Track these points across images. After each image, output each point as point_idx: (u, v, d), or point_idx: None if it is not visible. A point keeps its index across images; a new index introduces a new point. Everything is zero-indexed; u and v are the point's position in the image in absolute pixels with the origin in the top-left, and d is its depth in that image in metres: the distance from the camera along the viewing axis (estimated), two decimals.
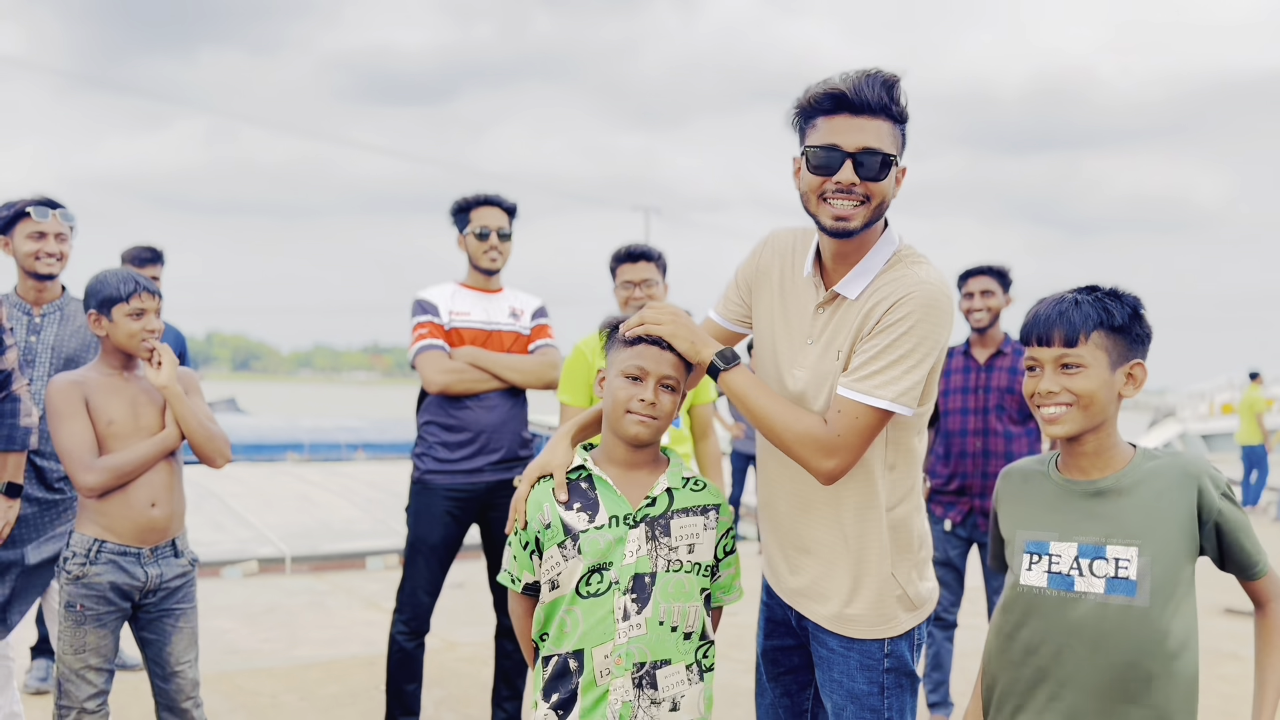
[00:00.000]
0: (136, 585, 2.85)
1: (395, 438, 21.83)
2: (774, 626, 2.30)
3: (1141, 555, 1.82)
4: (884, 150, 1.96)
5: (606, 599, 2.03)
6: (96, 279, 2.90)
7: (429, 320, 3.74)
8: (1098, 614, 1.84)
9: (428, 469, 3.70)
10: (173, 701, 2.94)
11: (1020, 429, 4.19)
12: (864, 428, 1.96)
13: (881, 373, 1.95)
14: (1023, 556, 1.93)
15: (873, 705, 2.09)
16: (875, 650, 2.10)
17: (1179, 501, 1.84)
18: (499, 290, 3.88)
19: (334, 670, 4.90)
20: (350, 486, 11.97)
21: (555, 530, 2.07)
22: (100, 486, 2.80)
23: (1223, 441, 24.65)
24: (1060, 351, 1.86)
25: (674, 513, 2.09)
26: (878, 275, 2.03)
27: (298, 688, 4.62)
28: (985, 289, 4.24)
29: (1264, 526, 11.57)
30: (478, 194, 3.87)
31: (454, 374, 3.66)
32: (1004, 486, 2.05)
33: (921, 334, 1.96)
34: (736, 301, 2.28)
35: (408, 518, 3.77)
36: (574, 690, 2.03)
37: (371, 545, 8.57)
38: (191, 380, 3.01)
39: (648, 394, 2.05)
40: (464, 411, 3.68)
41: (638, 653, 2.02)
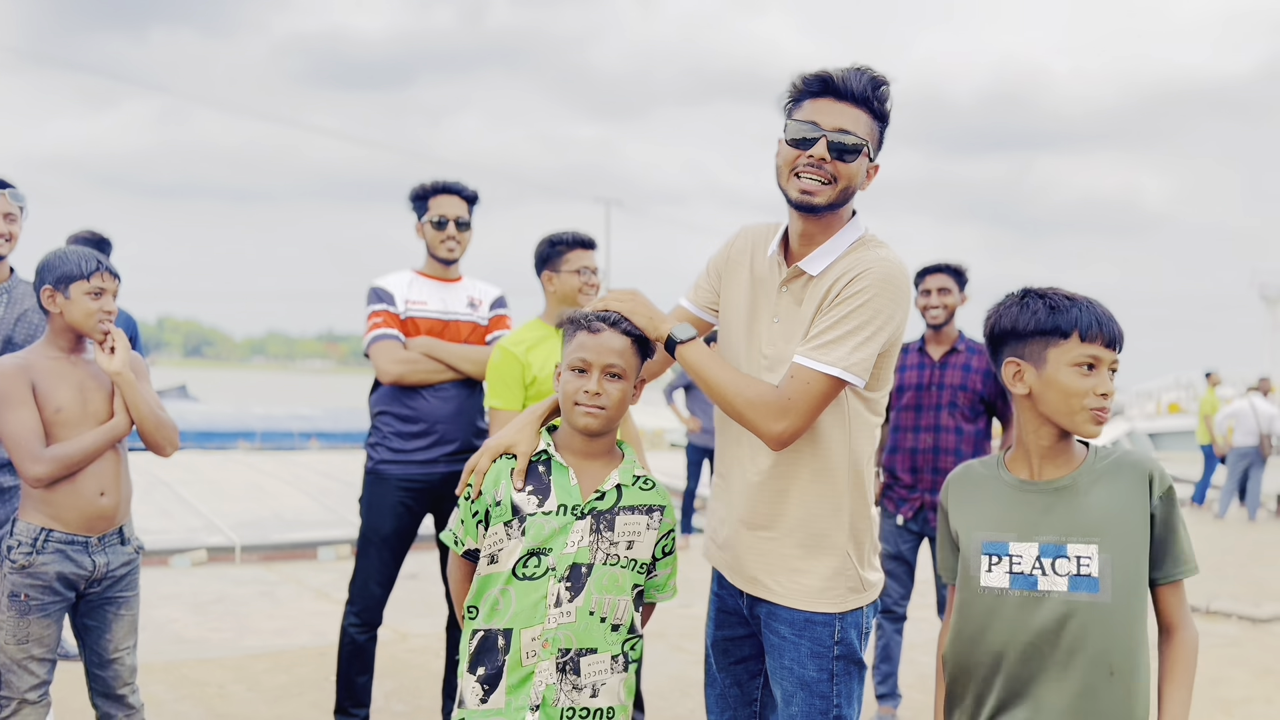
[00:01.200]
0: (83, 574, 2.80)
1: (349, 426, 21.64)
2: (725, 616, 2.32)
3: (1102, 552, 1.85)
4: (858, 135, 2.05)
5: (541, 584, 2.06)
6: (56, 254, 2.80)
7: (384, 309, 3.68)
8: (1063, 612, 1.86)
9: (381, 459, 3.66)
10: (109, 688, 2.89)
11: (971, 426, 4.23)
12: (815, 394, 2.01)
13: (836, 343, 2.00)
14: (981, 558, 1.94)
15: (822, 692, 2.13)
16: (826, 637, 2.13)
17: (1133, 498, 1.87)
18: (458, 279, 3.82)
19: (283, 661, 4.85)
20: (302, 476, 11.86)
21: (504, 509, 2.09)
22: (48, 477, 2.72)
23: (1169, 440, 25.16)
24: (1116, 356, 1.89)
25: (620, 509, 2.12)
26: (841, 256, 2.10)
27: (246, 678, 4.57)
28: (942, 286, 4.28)
29: (1206, 523, 11.83)
30: (436, 181, 3.80)
31: (407, 364, 3.61)
32: (952, 491, 2.05)
33: (877, 307, 2.02)
34: (707, 289, 2.33)
35: (360, 508, 3.73)
36: (500, 667, 2.06)
37: (323, 535, 8.49)
38: (140, 365, 2.94)
39: (592, 385, 2.07)
40: (418, 402, 3.64)
41: (565, 639, 2.06)
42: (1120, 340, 1.88)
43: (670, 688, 4.67)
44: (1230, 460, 12.62)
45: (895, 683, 4.39)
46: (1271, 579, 8.17)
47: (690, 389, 8.43)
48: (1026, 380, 1.93)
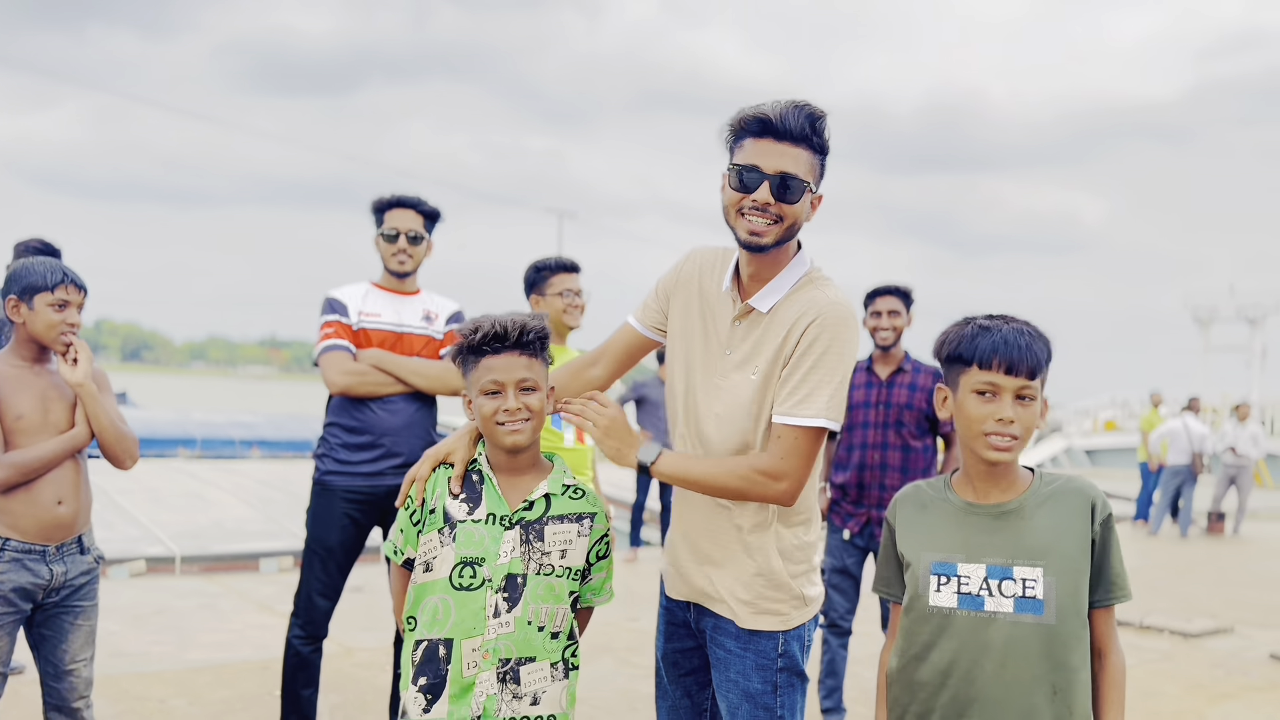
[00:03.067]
0: (41, 584, 2.78)
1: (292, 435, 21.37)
2: (674, 629, 2.38)
3: (1046, 575, 1.90)
4: (800, 176, 2.10)
5: (479, 595, 2.08)
6: (22, 265, 2.81)
7: (336, 319, 3.67)
8: (1009, 633, 1.90)
9: (328, 470, 3.64)
10: (63, 701, 2.86)
11: (919, 443, 4.33)
12: (804, 447, 2.09)
13: (810, 396, 2.08)
14: (930, 578, 1.98)
15: (766, 703, 2.19)
16: (770, 650, 2.19)
17: (1076, 523, 1.92)
18: (415, 292, 3.82)
19: (225, 675, 4.79)
20: (244, 485, 11.68)
21: (437, 516, 2.13)
22: (4, 483, 2.71)
23: (1106, 456, 25.75)
24: (1024, 383, 1.90)
25: (549, 519, 2.15)
26: (788, 293, 2.16)
27: (187, 692, 4.50)
28: (892, 309, 4.38)
29: (1140, 540, 12.12)
30: (394, 195, 3.80)
31: (355, 375, 3.61)
32: (901, 512, 2.09)
33: (837, 352, 2.11)
34: (655, 310, 2.38)
35: (307, 519, 3.71)
36: (443, 677, 2.09)
37: (265, 547, 8.38)
38: (102, 378, 2.94)
39: (510, 403, 2.11)
40: (366, 414, 3.63)
41: (504, 649, 2.09)
42: (1023, 366, 1.89)
43: (618, 702, 4.69)
44: (1164, 478, 12.95)
45: (840, 697, 4.45)
46: (1202, 595, 8.40)
47: (641, 402, 8.47)
48: (948, 406, 1.99)
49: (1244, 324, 31.82)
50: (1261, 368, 31.03)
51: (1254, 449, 13.27)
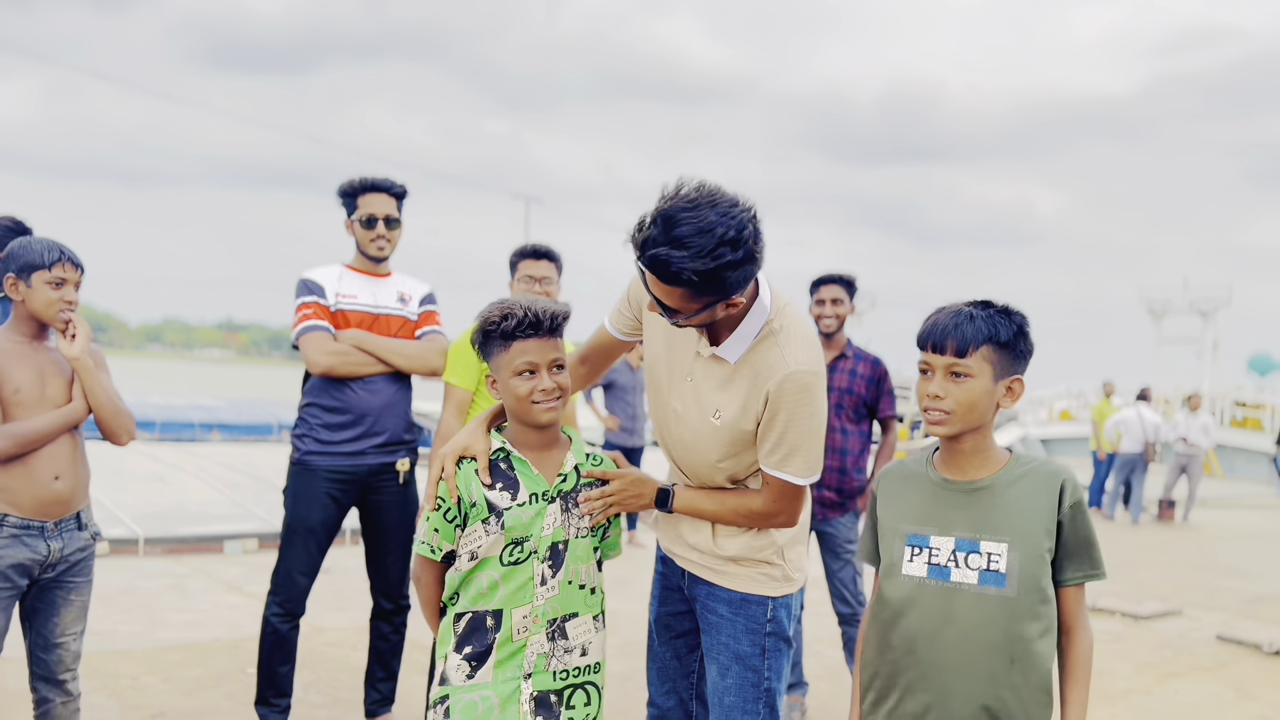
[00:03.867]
0: (38, 560, 2.81)
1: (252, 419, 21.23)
2: (668, 594, 2.52)
3: (1011, 550, 2.00)
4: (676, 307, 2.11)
5: (526, 566, 2.21)
6: (20, 243, 2.84)
7: (314, 301, 3.69)
8: (971, 603, 2.01)
9: (309, 450, 3.67)
10: (51, 673, 2.90)
11: (856, 427, 4.49)
12: (791, 492, 2.30)
13: (788, 457, 2.25)
14: (905, 549, 2.10)
15: (754, 665, 2.35)
16: (760, 615, 2.35)
17: (1043, 503, 2.02)
18: (387, 275, 3.85)
19: (195, 653, 4.81)
20: (206, 468, 11.60)
21: (480, 508, 2.21)
22: (2, 453, 2.73)
23: (1060, 445, 26.20)
24: (951, 360, 2.02)
25: (582, 487, 2.28)
26: (752, 345, 2.25)
27: (159, 670, 4.53)
28: (835, 297, 4.51)
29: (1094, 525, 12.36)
30: (364, 179, 3.80)
31: (338, 356, 3.63)
32: (885, 485, 2.21)
33: (804, 417, 2.23)
34: (629, 317, 2.49)
35: (285, 499, 3.73)
36: (490, 644, 2.20)
37: (230, 529, 8.36)
38: (99, 356, 2.97)
39: (546, 383, 2.21)
40: (347, 394, 3.66)
41: (551, 610, 2.23)
42: (949, 344, 2.01)
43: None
44: (1116, 466, 13.23)
45: (801, 671, 4.57)
46: (1152, 578, 8.64)
47: (609, 388, 8.54)
48: None
49: (1196, 316, 32.47)
50: (1212, 359, 31.69)
51: (1205, 439, 13.59)
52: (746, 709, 2.35)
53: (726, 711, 2.37)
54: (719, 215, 1.99)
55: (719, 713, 2.38)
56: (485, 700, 2.18)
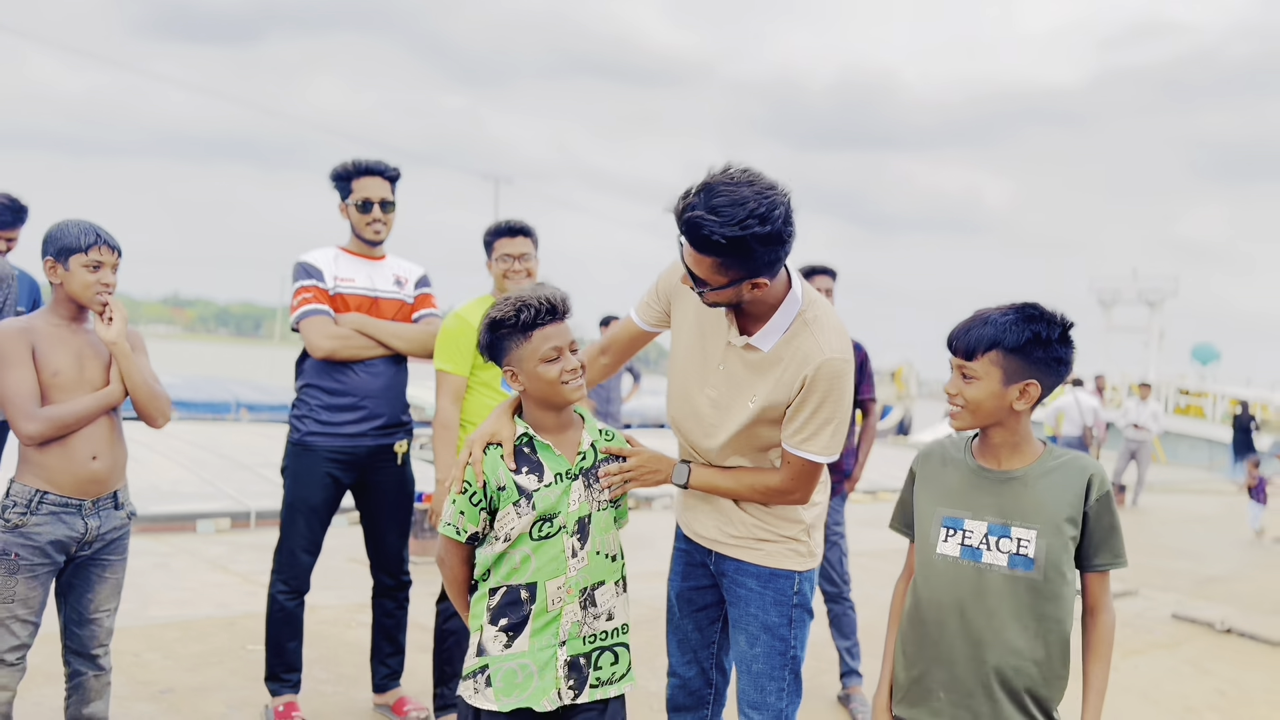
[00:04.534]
0: (75, 537, 2.87)
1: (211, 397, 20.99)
2: (691, 570, 2.69)
3: (1040, 537, 2.17)
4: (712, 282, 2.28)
5: (557, 541, 2.33)
6: (58, 226, 2.88)
7: (314, 284, 3.72)
8: (1000, 583, 2.18)
9: (309, 430, 3.72)
10: (84, 647, 2.98)
11: None
12: (809, 471, 2.46)
13: (813, 436, 2.41)
14: (940, 530, 2.26)
15: (782, 635, 2.54)
16: (787, 589, 2.53)
17: (1071, 494, 2.18)
18: (382, 258, 3.89)
19: (192, 631, 4.87)
20: (175, 447, 11.52)
21: (510, 492, 2.32)
22: (40, 436, 2.80)
23: None
24: (960, 362, 2.21)
25: (600, 462, 2.42)
26: (785, 333, 2.40)
27: (159, 647, 4.58)
28: (826, 288, 4.71)
29: None
30: (359, 162, 3.82)
31: (340, 340, 3.68)
32: (924, 466, 2.37)
33: (834, 401, 2.40)
34: (657, 309, 2.62)
35: (285, 479, 3.79)
36: (525, 615, 2.32)
37: (203, 508, 8.37)
38: (137, 339, 3.02)
39: (572, 362, 2.34)
40: (349, 376, 3.71)
41: (582, 580, 2.36)
42: (959, 348, 2.20)
43: None
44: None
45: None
46: None
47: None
48: None
49: (1144, 307, 33.23)
50: (1159, 348, 32.49)
51: (1154, 425, 14.02)
52: (774, 675, 2.53)
53: (755, 678, 2.55)
54: (754, 192, 2.17)
55: (748, 679, 2.56)
56: (524, 669, 2.31)
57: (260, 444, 12.52)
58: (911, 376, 31.92)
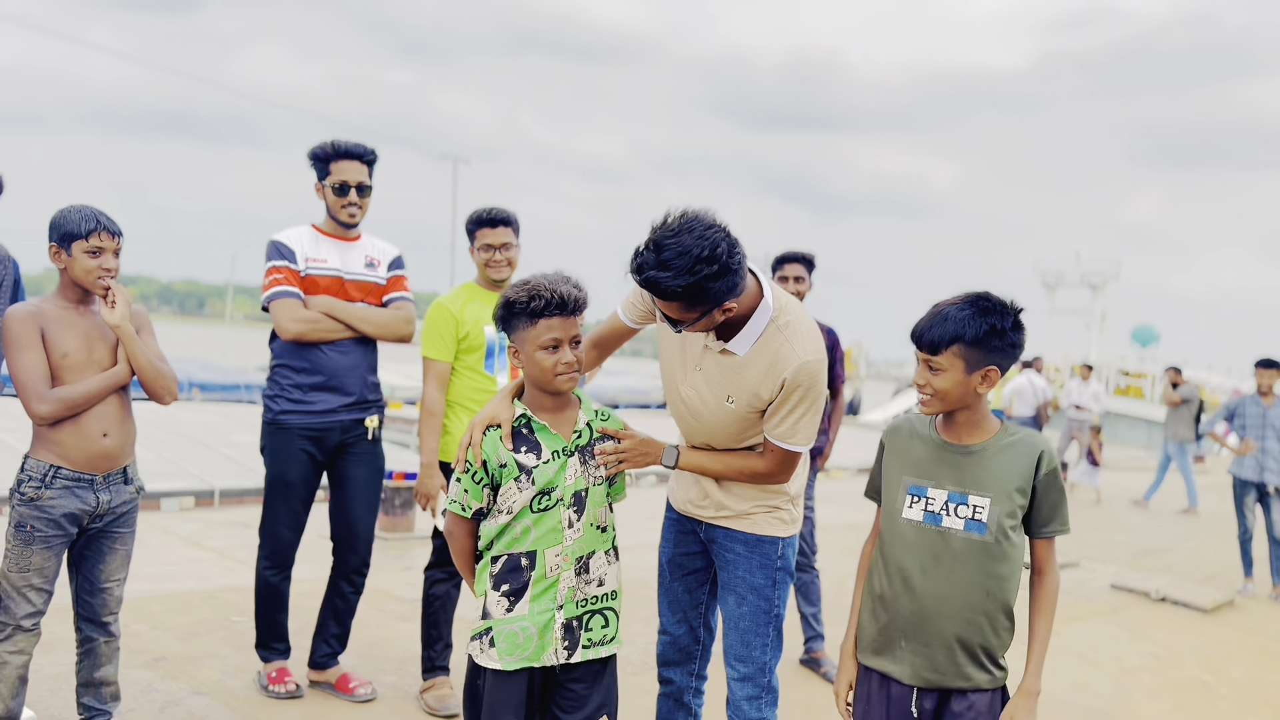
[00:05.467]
0: (88, 510, 3.01)
1: None
2: (682, 537, 2.94)
3: (992, 505, 2.42)
4: (676, 317, 2.51)
5: (554, 513, 2.52)
6: (60, 213, 2.98)
7: (285, 266, 3.76)
8: (957, 544, 2.43)
9: (282, 410, 3.80)
10: (95, 614, 3.14)
11: None
12: (790, 459, 2.72)
13: (793, 429, 2.65)
14: (906, 496, 2.51)
15: (766, 595, 2.80)
16: (772, 553, 2.79)
17: (1022, 467, 2.43)
18: (356, 238, 3.93)
19: (177, 603, 4.99)
20: None
21: (511, 468, 2.52)
22: (51, 416, 2.93)
23: None
24: (926, 356, 2.44)
25: (595, 441, 2.61)
26: (759, 339, 2.62)
27: (146, 618, 4.71)
28: (797, 275, 4.87)
29: None
30: (337, 144, 3.85)
31: (308, 323, 3.74)
32: (892, 439, 2.61)
33: (812, 398, 2.64)
34: (640, 308, 2.84)
35: (265, 458, 3.88)
36: (525, 582, 2.52)
37: (166, 487, 8.43)
38: (143, 319, 3.14)
39: (568, 356, 2.52)
40: (318, 356, 3.77)
41: (577, 549, 2.54)
42: (924, 343, 2.41)
43: None
44: None
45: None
46: None
47: None
48: None
49: (1087, 289, 34.06)
50: (1100, 330, 33.35)
51: (1095, 405, 14.50)
52: (759, 631, 2.79)
53: (742, 634, 2.80)
54: (695, 239, 2.38)
55: (735, 635, 2.81)
56: (525, 631, 2.51)
57: (219, 423, 12.52)
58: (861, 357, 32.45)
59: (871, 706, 2.53)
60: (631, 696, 3.32)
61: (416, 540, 7.15)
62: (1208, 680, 5.42)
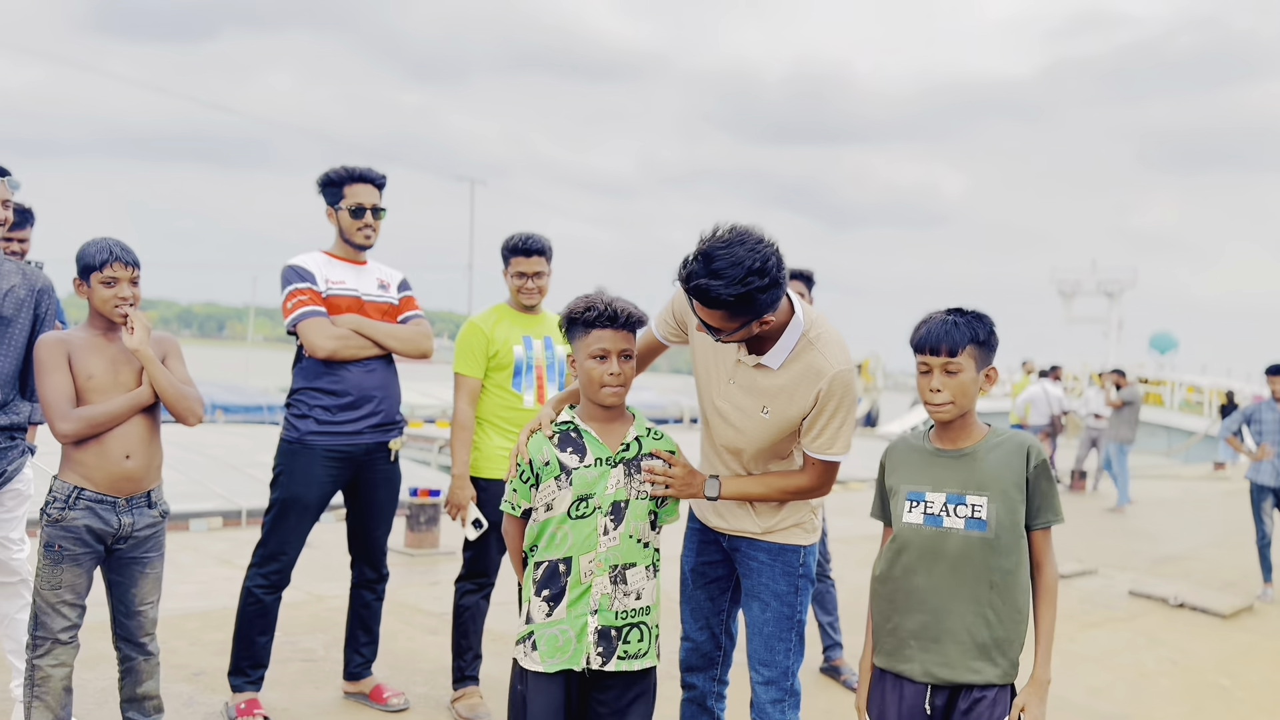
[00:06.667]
0: (110, 531, 3.11)
1: None
2: (705, 546, 3.06)
3: (990, 502, 2.54)
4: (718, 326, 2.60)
5: (591, 520, 2.63)
6: (81, 247, 3.12)
7: (308, 287, 3.83)
8: (959, 543, 2.55)
9: (309, 430, 3.83)
10: (132, 635, 3.24)
11: None
12: (831, 470, 2.82)
13: (833, 440, 2.76)
14: (905, 503, 2.63)
15: (789, 601, 2.91)
16: (794, 561, 2.91)
17: (1014, 465, 2.56)
18: (364, 263, 4.02)
19: (213, 620, 5.13)
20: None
21: (553, 467, 2.66)
22: (74, 435, 3.04)
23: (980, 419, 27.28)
24: (945, 360, 2.55)
25: (642, 456, 2.72)
26: (792, 352, 2.73)
27: (183, 635, 4.84)
28: (799, 291, 4.97)
29: None
30: (351, 168, 3.94)
31: (340, 340, 3.81)
32: (891, 456, 2.74)
33: (846, 408, 2.75)
34: (672, 325, 2.97)
35: (279, 477, 3.88)
36: (563, 587, 2.64)
37: (194, 508, 8.58)
38: (171, 345, 3.25)
39: (614, 367, 2.65)
40: (348, 376, 3.84)
41: (613, 558, 2.64)
42: (943, 347, 2.53)
43: None
44: None
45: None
46: (1069, 542, 9.34)
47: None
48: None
49: (1103, 297, 33.99)
50: (1118, 338, 33.26)
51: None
52: (782, 636, 2.90)
53: (766, 639, 2.91)
54: (747, 251, 2.49)
55: (759, 640, 2.92)
56: (564, 634, 2.63)
57: (243, 445, 12.71)
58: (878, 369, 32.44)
59: (886, 707, 2.64)
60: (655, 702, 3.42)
61: (442, 555, 7.29)
62: (1225, 685, 5.47)
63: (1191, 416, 26.96)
